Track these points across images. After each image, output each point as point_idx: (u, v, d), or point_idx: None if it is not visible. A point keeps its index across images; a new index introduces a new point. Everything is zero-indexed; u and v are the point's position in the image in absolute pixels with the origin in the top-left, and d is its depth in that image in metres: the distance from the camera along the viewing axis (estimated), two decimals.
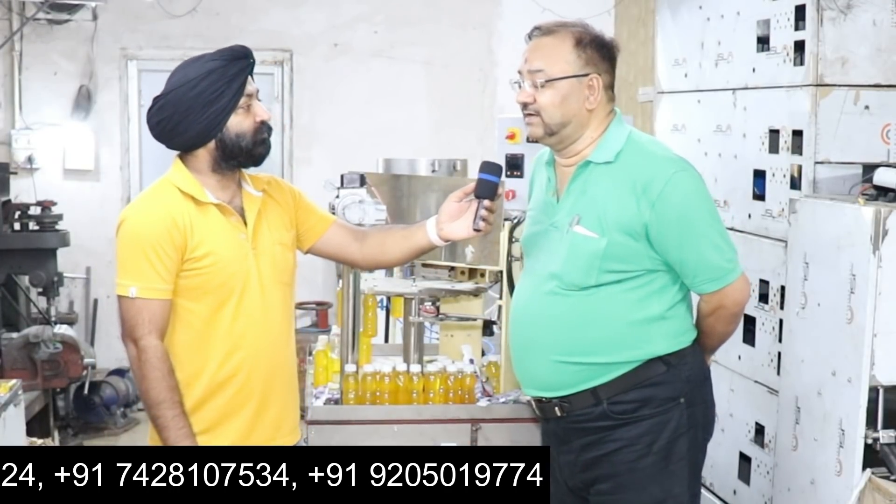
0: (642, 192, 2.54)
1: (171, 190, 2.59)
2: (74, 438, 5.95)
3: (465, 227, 2.67)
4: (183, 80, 2.54)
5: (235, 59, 2.57)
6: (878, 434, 2.82)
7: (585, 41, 2.60)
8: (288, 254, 2.74)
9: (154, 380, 2.50)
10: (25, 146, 6.68)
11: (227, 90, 2.54)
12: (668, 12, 4.25)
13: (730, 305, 2.65)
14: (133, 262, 2.52)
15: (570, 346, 2.62)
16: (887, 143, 3.25)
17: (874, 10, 3.22)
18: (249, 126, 2.59)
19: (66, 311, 6.60)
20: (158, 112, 2.58)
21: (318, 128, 7.00)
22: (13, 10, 6.57)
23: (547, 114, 2.61)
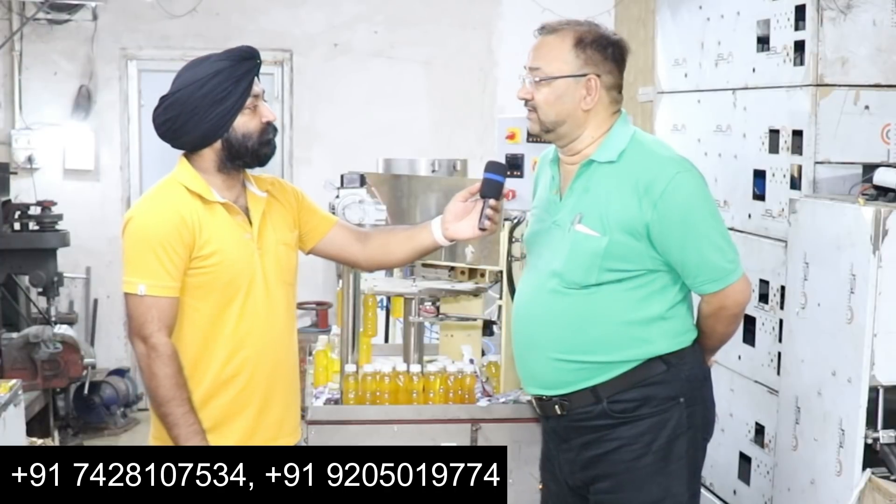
0: (644, 191, 2.54)
1: (179, 188, 2.60)
2: (74, 438, 5.96)
3: (471, 226, 2.68)
4: (190, 79, 2.55)
5: (243, 60, 2.58)
6: (878, 434, 2.82)
7: (587, 41, 2.60)
8: (291, 254, 2.75)
9: (164, 377, 2.50)
10: (25, 146, 6.67)
11: (234, 90, 2.55)
12: (668, 12, 4.25)
13: (731, 306, 2.66)
14: (142, 260, 2.52)
15: (570, 344, 2.62)
16: (887, 143, 3.25)
17: (874, 10, 3.22)
18: (256, 126, 2.60)
19: (66, 311, 6.59)
20: (165, 111, 2.58)
21: (318, 128, 6.99)
22: (13, 10, 6.56)
23: (542, 111, 2.63)
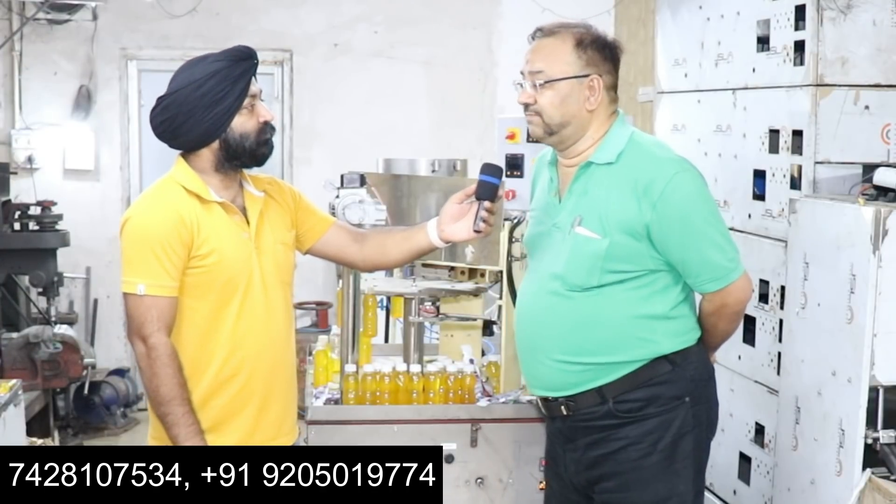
0: (643, 192, 2.54)
1: (176, 188, 2.60)
2: (74, 438, 5.96)
3: (466, 228, 2.68)
4: (188, 80, 2.55)
5: (240, 60, 2.58)
6: (878, 434, 2.82)
7: (586, 42, 2.61)
8: (289, 253, 2.75)
9: (164, 377, 2.50)
10: (25, 146, 6.67)
11: (231, 91, 2.55)
12: (668, 12, 4.25)
13: (732, 304, 2.66)
14: (141, 260, 2.52)
15: (574, 346, 2.63)
16: (887, 143, 3.25)
17: (874, 10, 3.22)
18: (253, 126, 2.60)
19: (66, 311, 6.60)
20: (162, 112, 2.58)
21: (318, 128, 6.99)
22: (13, 10, 6.56)
23: (547, 114, 2.62)
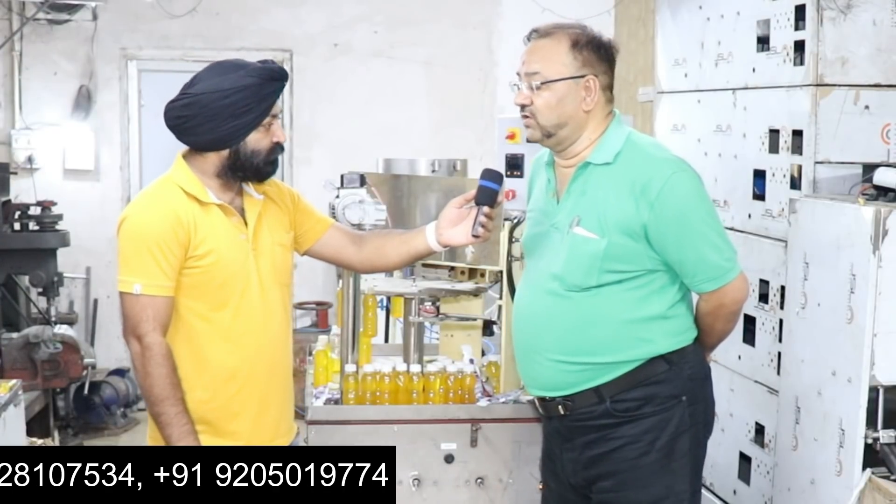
0: (641, 192, 2.54)
1: (174, 188, 2.60)
2: (74, 438, 5.96)
3: (465, 233, 2.68)
4: (217, 87, 2.54)
5: (272, 80, 2.59)
6: (878, 434, 2.82)
7: (582, 43, 2.61)
8: (287, 255, 2.76)
9: (158, 377, 2.50)
10: (25, 146, 6.68)
11: (256, 108, 2.56)
12: (668, 12, 4.25)
13: (729, 304, 2.67)
14: (137, 259, 2.52)
15: (572, 346, 2.63)
16: (887, 143, 3.25)
17: (874, 10, 3.22)
18: (266, 145, 2.61)
19: (66, 311, 6.60)
20: (183, 108, 2.57)
21: (318, 128, 6.99)
22: (13, 10, 6.57)
23: (543, 116, 2.62)
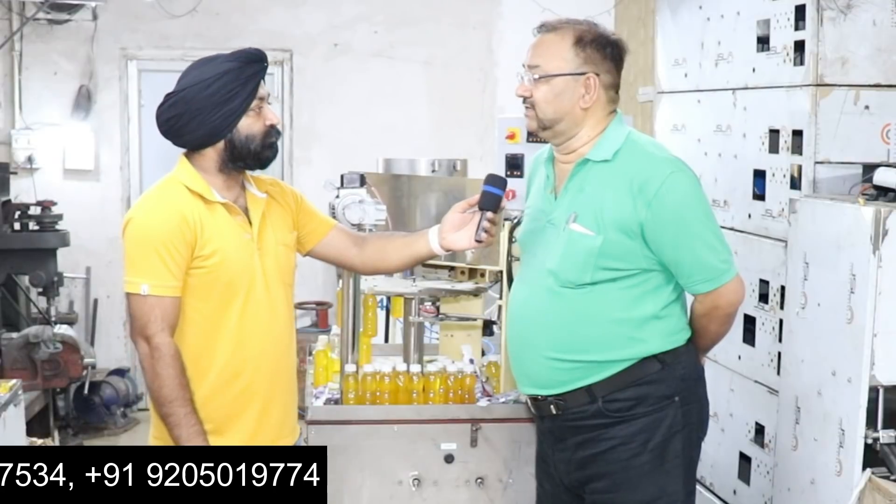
0: (638, 191, 2.55)
1: (179, 188, 2.60)
2: (74, 438, 5.96)
3: (468, 237, 2.69)
4: (197, 79, 2.54)
5: (251, 62, 2.58)
6: (878, 434, 2.82)
7: (587, 40, 2.61)
8: (290, 255, 2.76)
9: (167, 377, 2.50)
10: (25, 146, 6.67)
11: (240, 92, 2.55)
12: (668, 12, 4.25)
13: (724, 306, 2.66)
14: (144, 260, 2.52)
15: (565, 343, 2.63)
16: (887, 143, 3.25)
17: (874, 10, 3.22)
18: (259, 129, 2.61)
19: (66, 311, 6.59)
20: (169, 109, 2.58)
21: (318, 128, 6.99)
22: (13, 10, 6.56)
23: (540, 108, 2.64)
